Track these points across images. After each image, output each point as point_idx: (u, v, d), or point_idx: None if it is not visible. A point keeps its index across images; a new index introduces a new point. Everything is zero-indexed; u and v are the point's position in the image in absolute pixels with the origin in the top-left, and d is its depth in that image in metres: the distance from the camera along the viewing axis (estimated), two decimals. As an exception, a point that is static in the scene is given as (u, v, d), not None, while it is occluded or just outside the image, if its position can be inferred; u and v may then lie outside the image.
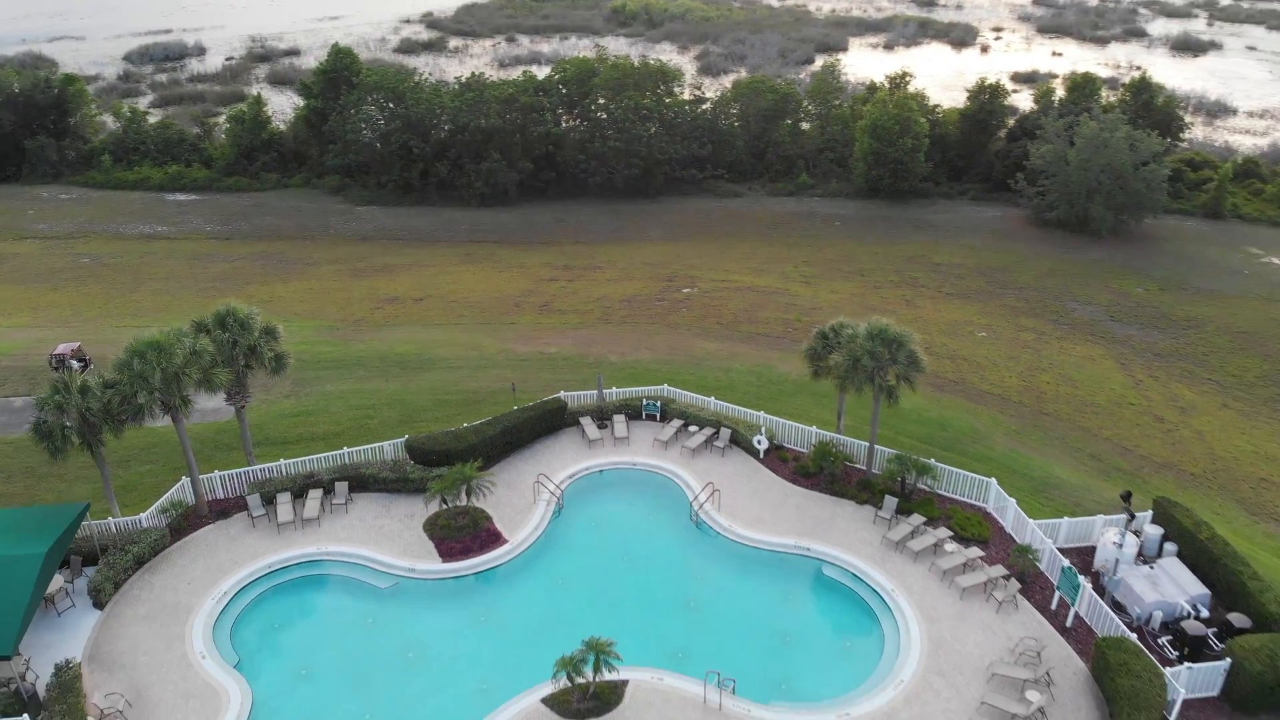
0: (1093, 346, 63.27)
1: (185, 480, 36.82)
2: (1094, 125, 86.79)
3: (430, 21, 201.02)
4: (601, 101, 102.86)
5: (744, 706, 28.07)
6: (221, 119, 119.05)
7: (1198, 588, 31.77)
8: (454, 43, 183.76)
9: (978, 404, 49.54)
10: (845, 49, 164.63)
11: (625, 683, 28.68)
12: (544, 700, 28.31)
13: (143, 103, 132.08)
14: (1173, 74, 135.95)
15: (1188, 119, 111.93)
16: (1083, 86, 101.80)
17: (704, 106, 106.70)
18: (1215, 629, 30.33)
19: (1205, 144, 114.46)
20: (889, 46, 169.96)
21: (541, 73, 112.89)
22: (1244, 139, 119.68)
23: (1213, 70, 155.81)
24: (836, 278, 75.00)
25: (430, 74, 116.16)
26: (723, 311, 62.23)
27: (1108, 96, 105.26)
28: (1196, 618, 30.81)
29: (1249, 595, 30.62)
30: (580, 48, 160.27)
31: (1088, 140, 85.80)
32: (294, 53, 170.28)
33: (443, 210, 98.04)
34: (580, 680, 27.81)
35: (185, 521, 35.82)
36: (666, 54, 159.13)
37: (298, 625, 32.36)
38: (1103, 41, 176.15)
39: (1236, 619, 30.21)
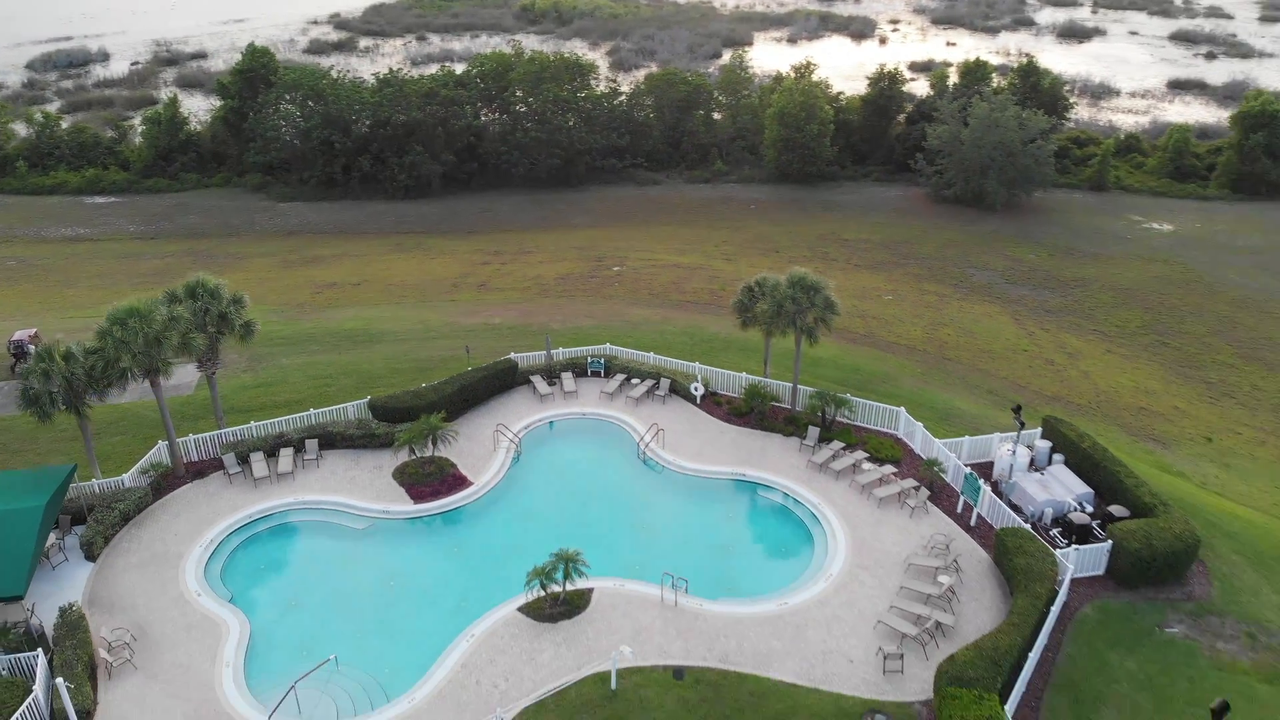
0: (989, 305, 68.94)
1: (162, 444, 38.98)
2: (985, 106, 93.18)
3: (338, 22, 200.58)
4: (520, 94, 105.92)
5: (696, 603, 31.86)
6: (136, 122, 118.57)
7: (1082, 488, 36.71)
8: (364, 43, 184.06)
9: (886, 353, 54.39)
10: (751, 43, 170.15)
11: (591, 590, 32.19)
12: (520, 609, 31.65)
13: (50, 109, 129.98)
14: (1060, 60, 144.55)
15: (1073, 100, 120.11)
16: (975, 71, 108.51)
17: (619, 99, 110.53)
18: (1098, 520, 35.22)
19: (1090, 123, 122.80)
20: (792, 40, 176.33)
21: (456, 70, 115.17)
22: (1126, 117, 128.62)
23: (1097, 55, 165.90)
24: (754, 255, 79.45)
25: (344, 73, 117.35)
26: (652, 284, 66.12)
27: (998, 81, 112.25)
28: (1082, 511, 35.68)
29: (1126, 490, 35.65)
30: (491, 45, 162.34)
31: (980, 120, 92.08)
32: (201, 56, 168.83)
33: (367, 204, 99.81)
34: (553, 589, 31.26)
35: (165, 481, 38.06)
36: (578, 50, 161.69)
37: (283, 565, 35.02)
38: (993, 31, 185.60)
39: (1116, 510, 35.20)
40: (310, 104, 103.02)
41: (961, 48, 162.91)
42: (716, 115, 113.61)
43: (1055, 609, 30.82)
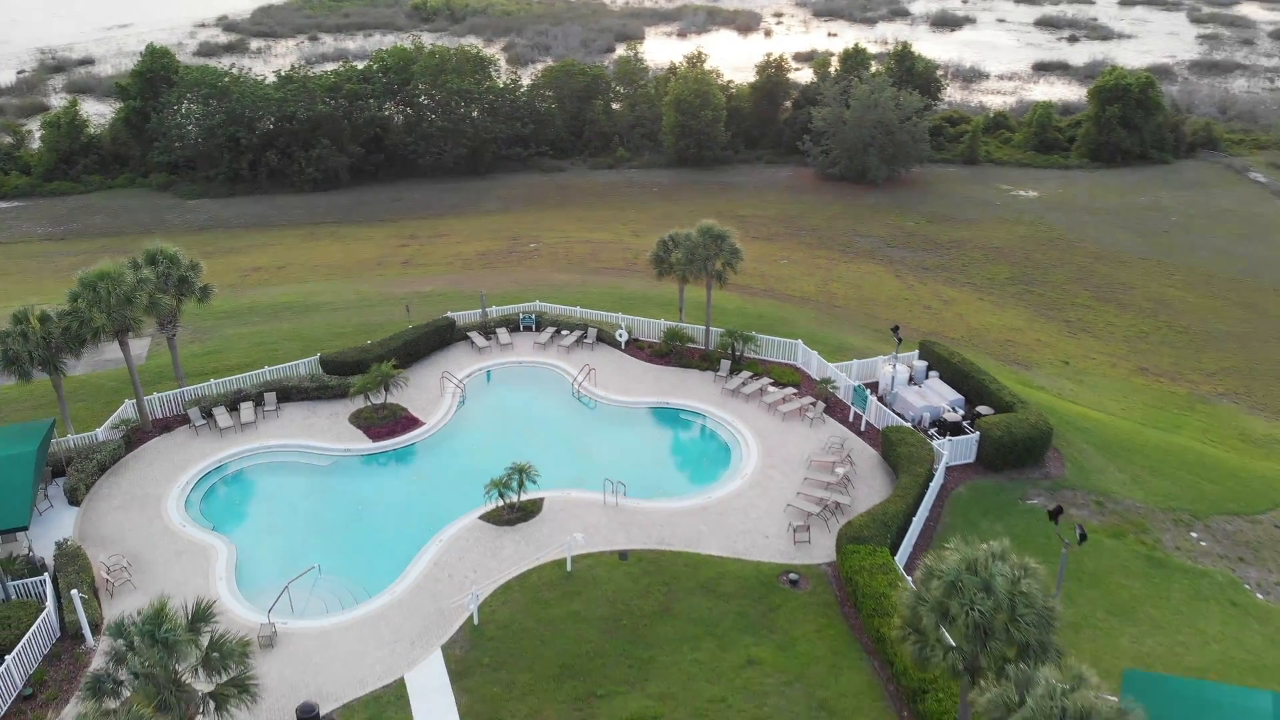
0: (874, 265, 75.73)
1: (128, 402, 41.91)
2: (865, 89, 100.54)
3: (226, 25, 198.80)
4: (423, 87, 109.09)
5: (633, 503, 36.75)
6: (34, 128, 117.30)
7: (954, 395, 42.93)
8: (255, 44, 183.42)
9: (784, 303, 60.28)
10: (642, 38, 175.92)
11: (542, 499, 36.72)
12: (481, 517, 35.98)
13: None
14: (934, 47, 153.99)
15: (946, 83, 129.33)
16: (854, 57, 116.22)
17: (521, 90, 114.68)
18: (968, 419, 41.39)
19: (963, 104, 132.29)
20: (682, 34, 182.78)
21: (358, 66, 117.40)
22: (995, 98, 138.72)
23: (968, 42, 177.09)
24: (660, 231, 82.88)
25: (245, 71, 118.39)
26: (570, 255, 70.77)
27: (876, 67, 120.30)
28: (954, 413, 41.81)
29: (991, 393, 41.96)
30: (385, 44, 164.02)
31: (860, 102, 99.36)
32: (88, 62, 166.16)
33: (276, 197, 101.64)
34: (510, 498, 35.70)
35: (134, 436, 41.03)
36: (473, 46, 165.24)
37: (257, 498, 38.53)
38: (871, 22, 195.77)
39: (982, 409, 41.45)
40: (213, 102, 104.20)
41: (842, 38, 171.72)
42: (616, 105, 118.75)
43: (934, 486, 36.74)
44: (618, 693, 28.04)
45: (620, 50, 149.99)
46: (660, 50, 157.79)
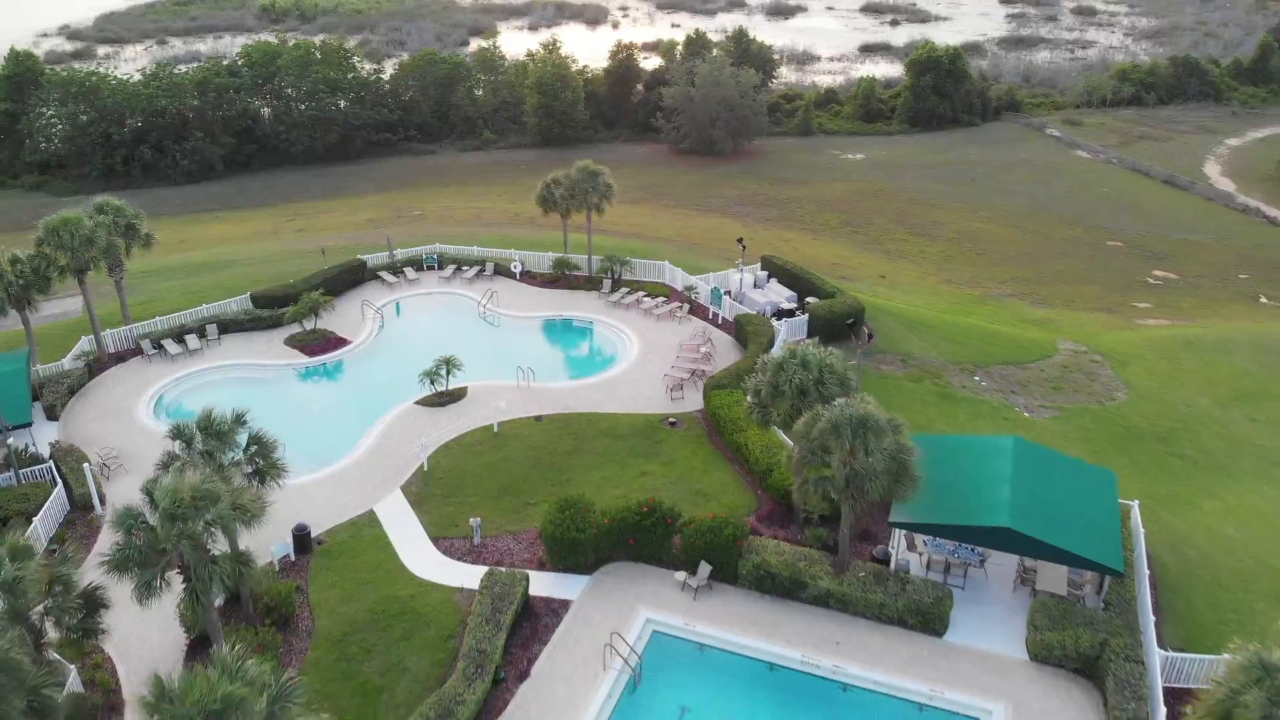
0: (723, 218, 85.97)
1: (84, 338, 47.48)
2: (707, 67, 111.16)
3: (70, 33, 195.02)
4: (290, 78, 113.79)
5: (542, 385, 45.07)
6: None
7: (789, 293, 52.98)
8: (102, 50, 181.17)
9: (650, 243, 69.48)
10: (496, 31, 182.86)
11: (466, 387, 44.54)
12: (416, 402, 43.57)
13: None
14: (770, 34, 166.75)
15: (781, 65, 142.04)
16: (697, 41, 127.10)
17: (385, 78, 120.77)
18: (801, 309, 51.42)
19: (797, 84, 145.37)
20: (533, 27, 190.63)
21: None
22: (825, 77, 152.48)
23: (800, 29, 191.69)
24: (533, 201, 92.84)
25: (111, 69, 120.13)
26: (458, 218, 78.21)
27: (716, 51, 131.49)
28: (789, 305, 51.81)
29: (817, 288, 52.24)
30: (237, 44, 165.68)
31: (704, 80, 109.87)
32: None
33: (152, 190, 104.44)
34: (439, 386, 43.43)
35: (95, 365, 46.65)
36: (337, 38, 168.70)
37: (217, 405, 44.79)
38: (711, 13, 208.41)
39: (810, 299, 51.58)
40: (81, 105, 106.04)
41: (684, 28, 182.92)
42: (478, 92, 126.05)
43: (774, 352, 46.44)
44: (544, 500, 36.29)
45: (476, 43, 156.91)
46: (513, 43, 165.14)
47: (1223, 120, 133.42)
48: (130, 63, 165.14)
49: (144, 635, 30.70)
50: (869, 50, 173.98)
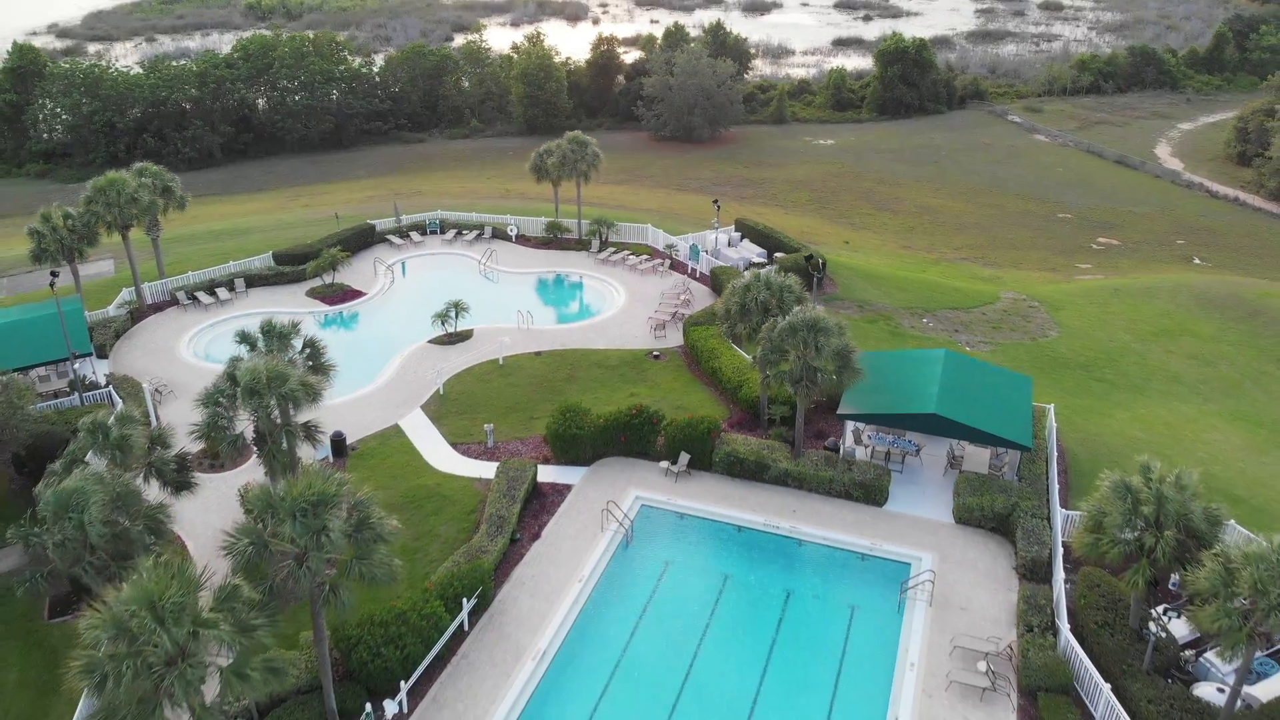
0: (702, 196, 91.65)
1: (125, 290, 52.72)
2: (685, 57, 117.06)
3: (59, 31, 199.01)
4: (286, 69, 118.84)
5: (540, 327, 50.75)
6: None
7: (760, 250, 58.83)
8: (92, 48, 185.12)
9: (635, 213, 75.19)
10: (481, 26, 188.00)
11: (472, 330, 50.13)
12: (429, 341, 49.11)
13: None
14: (747, 29, 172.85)
15: (757, 58, 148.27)
16: (675, 34, 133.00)
17: (375, 70, 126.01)
18: (770, 263, 57.22)
19: (772, 76, 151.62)
20: (515, 24, 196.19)
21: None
22: (799, 69, 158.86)
23: (776, 24, 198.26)
24: (524, 183, 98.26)
25: (112, 61, 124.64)
26: (451, 193, 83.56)
27: (694, 44, 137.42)
28: (760, 259, 57.63)
29: (785, 245, 58.15)
30: (225, 41, 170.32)
31: (682, 69, 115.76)
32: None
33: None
34: (449, 327, 48.97)
35: (136, 313, 51.91)
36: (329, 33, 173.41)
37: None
38: (689, 9, 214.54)
39: (779, 255, 57.42)
40: (83, 92, 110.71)
41: (663, 24, 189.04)
42: (465, 83, 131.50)
43: (749, 299, 52.23)
44: (547, 415, 41.90)
45: (461, 39, 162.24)
46: (496, 38, 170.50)
47: (1177, 106, 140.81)
48: (120, 60, 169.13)
49: (208, 521, 36.09)
50: (841, 44, 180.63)
